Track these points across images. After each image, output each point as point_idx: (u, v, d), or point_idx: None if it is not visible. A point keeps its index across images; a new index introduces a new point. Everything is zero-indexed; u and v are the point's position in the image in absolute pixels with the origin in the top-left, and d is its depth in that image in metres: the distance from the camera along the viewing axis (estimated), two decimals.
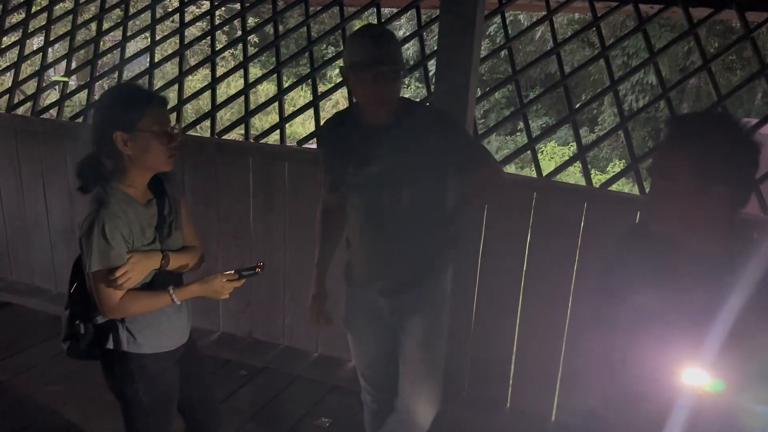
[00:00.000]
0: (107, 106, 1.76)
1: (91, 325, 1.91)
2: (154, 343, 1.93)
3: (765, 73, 3.03)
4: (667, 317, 1.40)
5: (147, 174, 1.85)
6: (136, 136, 1.74)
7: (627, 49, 13.19)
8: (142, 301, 1.85)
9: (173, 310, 1.95)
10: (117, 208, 1.76)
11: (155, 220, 1.88)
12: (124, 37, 4.25)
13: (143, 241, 1.83)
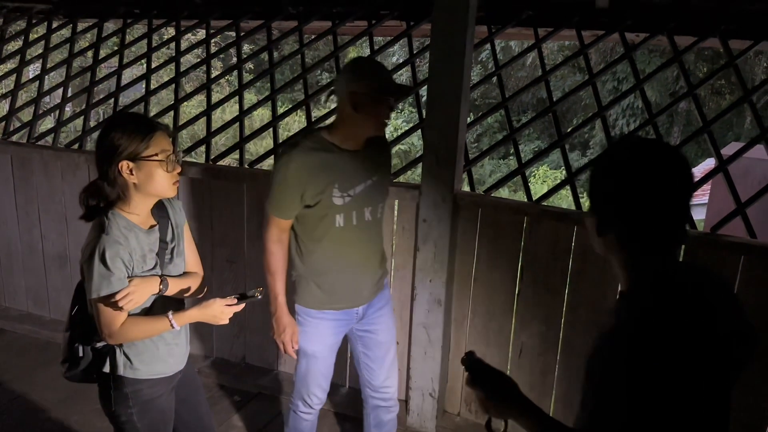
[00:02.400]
0: (111, 134, 1.79)
1: (89, 348, 1.93)
2: (150, 368, 1.95)
3: (749, 99, 3.10)
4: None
5: (151, 200, 1.89)
6: (141, 165, 1.78)
7: (617, 74, 13.41)
8: (142, 326, 1.87)
9: (171, 335, 1.97)
10: (118, 234, 1.79)
11: (157, 246, 1.90)
12: (121, 64, 4.31)
13: (144, 267, 1.85)
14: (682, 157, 1.21)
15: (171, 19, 4.34)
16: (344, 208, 2.23)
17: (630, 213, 1.20)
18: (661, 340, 1.12)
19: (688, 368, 1.14)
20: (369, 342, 2.52)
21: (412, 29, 3.78)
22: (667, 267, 1.23)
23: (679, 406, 1.14)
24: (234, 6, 4.18)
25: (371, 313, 2.47)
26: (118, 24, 4.56)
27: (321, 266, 2.31)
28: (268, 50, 4.04)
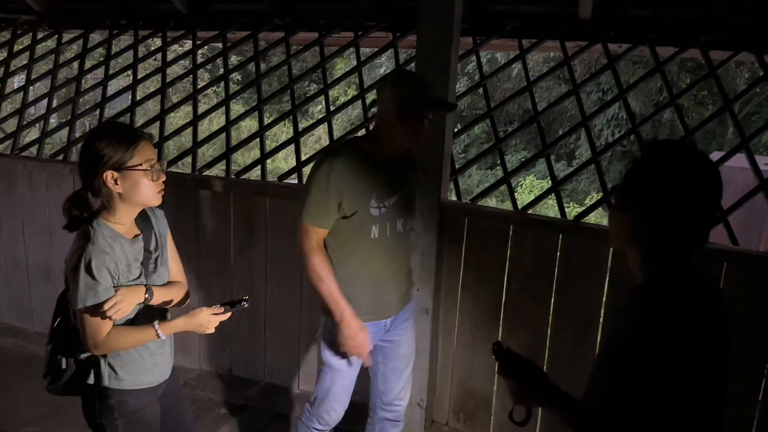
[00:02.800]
0: (95, 144, 1.78)
1: (72, 360, 1.91)
2: (135, 378, 1.93)
3: (730, 108, 3.15)
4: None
5: (135, 210, 1.89)
6: (126, 174, 1.78)
7: (602, 85, 13.54)
8: (128, 336, 1.85)
9: (156, 345, 1.96)
10: (104, 244, 1.78)
11: (141, 255, 1.89)
12: (106, 75, 4.30)
13: (129, 277, 1.84)
14: (715, 166, 1.28)
15: (157, 30, 4.34)
16: (380, 219, 2.22)
17: (669, 213, 1.26)
18: (679, 336, 1.19)
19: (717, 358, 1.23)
20: (390, 353, 2.49)
21: (398, 40, 3.81)
22: (690, 264, 1.31)
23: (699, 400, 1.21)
24: (221, 17, 4.20)
25: (397, 325, 2.45)
26: (104, 35, 4.55)
27: (352, 277, 2.26)
28: (254, 61, 4.05)
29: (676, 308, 1.23)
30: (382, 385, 2.53)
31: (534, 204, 3.11)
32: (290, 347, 3.54)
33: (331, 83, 3.92)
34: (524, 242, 2.94)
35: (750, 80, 12.60)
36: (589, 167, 3.27)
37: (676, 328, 1.19)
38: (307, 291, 3.41)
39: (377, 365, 2.52)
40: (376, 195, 2.20)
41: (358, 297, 2.28)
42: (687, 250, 1.30)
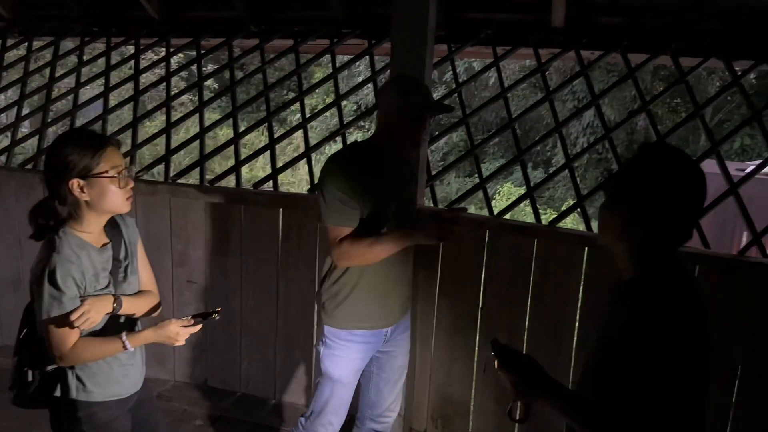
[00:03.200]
0: (61, 152, 1.75)
1: (38, 372, 1.86)
2: (105, 390, 1.89)
3: (700, 114, 3.20)
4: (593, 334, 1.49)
5: (104, 218, 1.85)
6: (92, 182, 1.74)
7: (577, 94, 13.71)
8: (94, 347, 1.81)
9: (126, 356, 1.91)
10: (70, 253, 1.74)
11: (110, 264, 1.86)
12: (78, 83, 4.23)
13: (96, 286, 1.80)
14: (701, 169, 1.35)
15: (130, 37, 4.29)
16: (393, 218, 2.23)
17: (660, 211, 1.31)
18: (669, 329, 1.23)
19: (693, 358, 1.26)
20: (386, 364, 2.47)
21: (373, 47, 3.81)
22: (675, 260, 1.37)
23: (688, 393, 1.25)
24: (195, 24, 4.16)
25: (396, 335, 2.44)
26: (75, 42, 4.49)
27: (361, 281, 2.25)
28: (229, 68, 4.02)
29: (667, 302, 1.28)
30: (374, 396, 2.50)
31: (509, 209, 3.12)
32: (266, 357, 3.50)
33: (307, 90, 3.91)
34: (500, 248, 2.95)
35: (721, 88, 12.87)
36: (564, 174, 3.30)
37: (669, 321, 1.24)
38: (283, 299, 3.38)
39: (371, 375, 2.49)
40: (392, 194, 2.23)
41: (367, 303, 2.27)
42: (674, 246, 1.36)
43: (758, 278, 2.59)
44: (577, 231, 3.03)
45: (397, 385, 2.53)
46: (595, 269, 2.80)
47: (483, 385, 3.08)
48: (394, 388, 2.51)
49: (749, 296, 2.58)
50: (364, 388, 2.52)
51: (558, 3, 3.31)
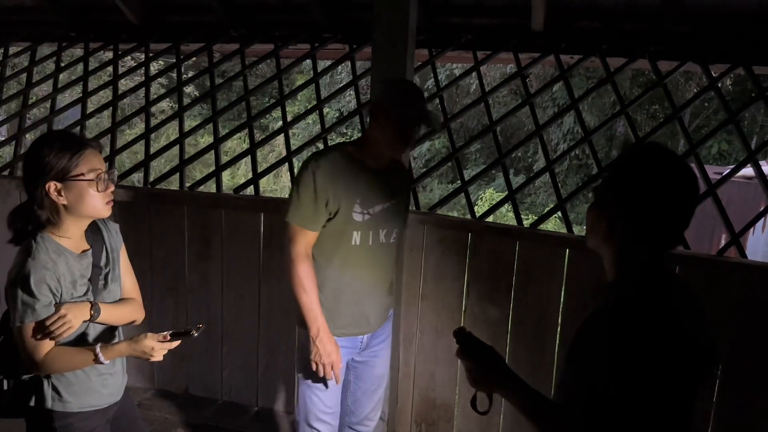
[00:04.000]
0: (37, 155, 1.70)
1: (12, 381, 1.82)
2: (82, 400, 1.84)
3: (678, 116, 3.24)
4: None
5: (83, 222, 1.80)
6: (70, 185, 1.69)
7: (557, 100, 13.85)
8: (67, 357, 1.75)
9: (105, 366, 1.85)
10: (45, 258, 1.70)
11: (89, 271, 1.81)
12: (55, 88, 4.18)
13: (74, 294, 1.76)
14: (692, 170, 1.30)
15: (109, 42, 4.24)
16: (362, 225, 2.16)
17: (647, 213, 1.27)
18: (640, 324, 1.20)
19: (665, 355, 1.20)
20: (363, 374, 2.42)
21: (354, 52, 3.81)
22: (655, 264, 1.32)
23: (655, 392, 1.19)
24: (174, 29, 4.14)
25: (374, 344, 2.38)
26: (53, 47, 4.43)
27: (329, 286, 2.20)
28: (209, 73, 3.99)
29: (640, 300, 1.24)
30: (352, 404, 2.46)
31: (491, 212, 3.13)
32: (249, 364, 3.46)
33: (288, 94, 3.90)
34: (482, 250, 2.95)
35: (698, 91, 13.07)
36: (545, 179, 3.31)
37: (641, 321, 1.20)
38: (265, 305, 3.35)
39: (348, 384, 2.44)
40: (361, 200, 2.15)
41: (337, 309, 2.22)
42: (661, 250, 1.32)
43: (737, 278, 2.62)
44: (558, 233, 3.04)
45: (376, 395, 2.47)
46: (576, 271, 2.81)
47: (467, 388, 3.07)
48: (372, 397, 2.46)
49: (729, 296, 2.60)
50: (342, 397, 2.45)
51: (537, 7, 3.35)
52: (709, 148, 13.27)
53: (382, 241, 2.23)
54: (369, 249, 2.20)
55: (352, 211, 2.13)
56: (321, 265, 2.20)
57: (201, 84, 13.28)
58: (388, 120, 2.10)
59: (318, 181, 2.09)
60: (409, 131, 2.14)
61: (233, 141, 13.42)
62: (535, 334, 2.91)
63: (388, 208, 2.22)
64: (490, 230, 2.96)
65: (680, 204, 1.28)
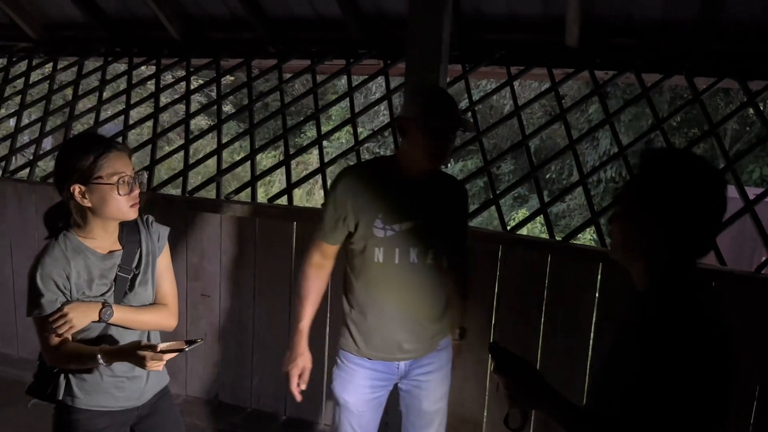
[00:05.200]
0: (63, 157, 1.74)
1: (39, 363, 1.87)
2: (90, 399, 1.83)
3: (714, 132, 3.20)
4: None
5: (110, 224, 1.80)
6: (93, 188, 1.70)
7: (593, 122, 13.72)
8: (73, 354, 1.75)
9: (123, 368, 1.83)
10: (58, 255, 1.73)
11: (113, 272, 1.81)
12: (100, 100, 4.34)
13: (88, 293, 1.76)
14: (721, 174, 1.29)
15: (152, 57, 4.40)
16: (384, 242, 2.02)
17: (681, 221, 1.24)
18: (688, 336, 1.17)
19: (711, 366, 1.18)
20: (410, 405, 2.26)
21: (388, 67, 3.87)
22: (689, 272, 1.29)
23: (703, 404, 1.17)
24: (214, 44, 4.27)
25: (417, 374, 2.19)
26: (98, 61, 4.61)
27: (359, 305, 2.12)
28: (247, 86, 4.10)
29: (683, 312, 1.21)
30: None
31: (523, 224, 3.12)
32: (278, 372, 3.44)
33: (322, 108, 3.97)
34: (513, 263, 2.94)
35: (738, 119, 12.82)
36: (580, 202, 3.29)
37: (682, 332, 1.17)
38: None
39: (402, 416, 2.32)
40: (383, 215, 2.01)
41: (368, 329, 2.12)
42: (693, 257, 1.30)
43: None
44: (591, 247, 3.02)
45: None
46: (609, 285, 2.78)
47: (495, 403, 3.04)
48: None
49: (766, 313, 2.54)
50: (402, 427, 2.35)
51: (572, 23, 3.36)
52: (751, 173, 12.95)
53: (413, 261, 2.06)
54: (396, 268, 2.06)
55: (372, 227, 2.02)
56: (351, 282, 2.14)
57: (238, 103, 13.57)
58: (415, 129, 1.97)
59: (338, 194, 2.04)
60: (439, 140, 1.97)
61: (267, 158, 13.64)
62: (566, 349, 2.87)
63: (421, 225, 2.05)
64: (521, 243, 2.95)
65: (713, 209, 1.25)
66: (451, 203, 2.17)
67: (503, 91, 11.31)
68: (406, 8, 3.03)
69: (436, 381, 2.23)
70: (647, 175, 1.30)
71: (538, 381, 1.33)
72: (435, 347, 2.20)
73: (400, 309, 2.09)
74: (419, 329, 2.13)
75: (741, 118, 13.00)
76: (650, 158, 1.33)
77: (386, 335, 2.11)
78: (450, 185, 2.21)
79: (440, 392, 2.27)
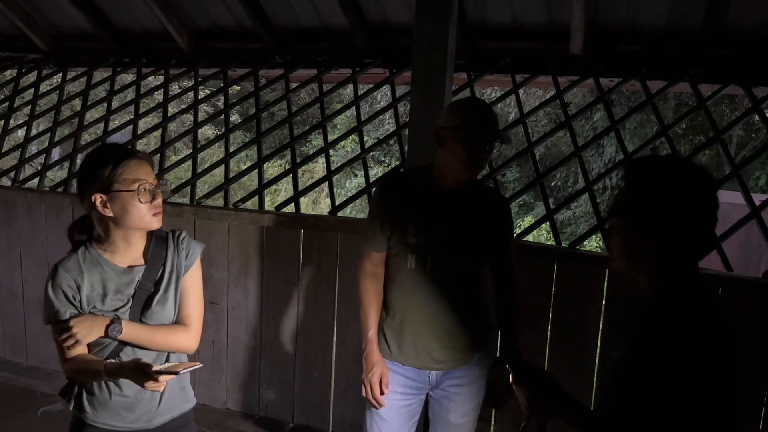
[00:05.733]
0: (85, 166, 1.72)
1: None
2: (97, 415, 1.80)
3: (720, 138, 3.20)
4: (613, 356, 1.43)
5: (132, 235, 1.75)
6: (114, 197, 1.67)
7: (598, 130, 13.74)
8: (81, 365, 1.72)
9: (132, 387, 1.75)
10: (73, 265, 1.72)
11: (132, 287, 1.75)
12: (109, 110, 4.38)
13: (101, 306, 1.72)
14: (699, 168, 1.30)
15: (160, 67, 4.44)
16: (417, 249, 2.05)
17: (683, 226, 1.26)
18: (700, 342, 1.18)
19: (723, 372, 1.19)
20: (438, 414, 2.25)
21: (394, 76, 3.90)
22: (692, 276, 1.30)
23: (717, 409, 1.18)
24: (222, 55, 4.31)
25: (447, 386, 2.18)
26: (107, 72, 4.66)
27: (393, 310, 2.14)
28: (255, 96, 4.13)
29: (693, 319, 1.22)
30: None
31: (529, 231, 3.14)
32: (285, 380, 3.49)
33: (329, 116, 4.00)
34: (519, 269, 2.94)
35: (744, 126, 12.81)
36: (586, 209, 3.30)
37: (694, 340, 1.18)
38: (303, 320, 3.40)
39: (429, 425, 2.32)
40: (418, 223, 2.04)
41: (401, 334, 2.13)
42: (694, 259, 1.30)
43: None
44: (598, 253, 3.02)
45: None
46: (616, 291, 2.78)
47: (503, 414, 3.04)
48: None
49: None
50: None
51: (576, 31, 3.38)
52: (757, 180, 12.92)
53: (446, 270, 2.07)
54: (428, 275, 2.07)
55: (406, 233, 2.05)
56: (387, 287, 2.17)
57: (244, 113, 13.64)
58: (453, 140, 1.98)
59: (377, 203, 2.13)
60: (476, 151, 1.97)
61: (273, 167, 13.69)
62: (574, 355, 2.87)
63: (456, 233, 2.06)
64: (527, 249, 2.96)
65: (707, 205, 1.27)
66: (488, 214, 2.15)
67: (508, 99, 11.41)
68: (411, 18, 3.06)
69: (467, 395, 2.21)
70: (639, 185, 1.31)
71: (559, 392, 1.32)
72: (469, 360, 2.18)
73: (431, 316, 2.10)
74: (450, 339, 2.12)
75: (746, 125, 13.00)
76: (636, 168, 1.34)
77: (417, 341, 2.11)
78: (489, 196, 2.21)
79: (470, 406, 2.24)
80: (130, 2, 4.23)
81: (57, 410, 1.87)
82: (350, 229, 3.25)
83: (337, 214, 3.41)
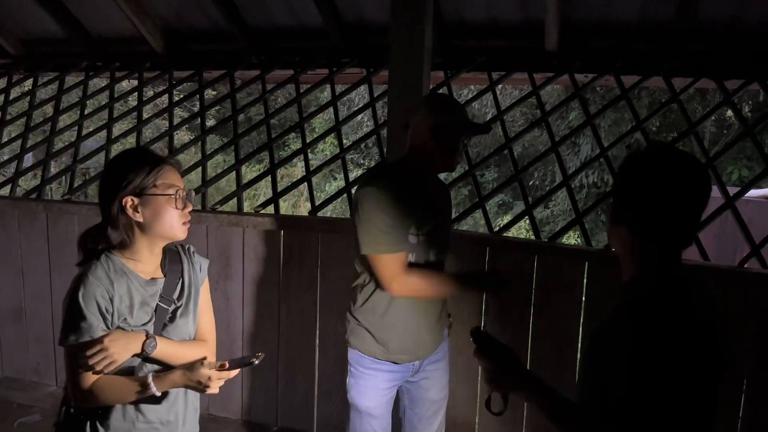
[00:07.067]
0: (115, 169, 1.62)
1: (64, 411, 1.68)
2: None
3: (694, 131, 3.25)
4: None
5: (157, 244, 1.68)
6: (147, 201, 1.59)
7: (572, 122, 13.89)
8: (116, 388, 1.58)
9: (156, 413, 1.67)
10: (101, 275, 1.59)
11: (155, 300, 1.67)
12: (82, 115, 4.32)
13: (130, 320, 1.61)
14: (706, 171, 1.29)
15: (134, 70, 4.38)
16: (415, 247, 2.06)
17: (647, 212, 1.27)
18: (658, 323, 1.19)
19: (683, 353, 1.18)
20: (417, 397, 2.29)
21: (371, 75, 3.90)
22: (670, 264, 1.30)
23: (675, 390, 1.17)
24: (197, 57, 4.27)
25: (426, 365, 2.25)
26: (80, 77, 4.59)
27: (381, 308, 2.11)
28: (231, 98, 4.10)
29: (657, 300, 1.23)
30: None
31: (510, 226, 3.15)
32: (268, 383, 3.46)
33: (307, 116, 3.98)
34: (501, 264, 2.96)
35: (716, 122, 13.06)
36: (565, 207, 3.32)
37: (656, 320, 1.19)
38: (285, 322, 3.37)
39: (404, 410, 2.34)
40: (415, 221, 2.03)
41: (389, 333, 2.12)
42: (674, 250, 1.30)
43: (760, 290, 2.59)
44: (577, 246, 3.05)
45: (434, 422, 2.32)
46: (596, 284, 2.80)
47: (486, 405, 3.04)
48: (431, 425, 2.32)
49: (751, 308, 2.57)
50: (402, 424, 2.35)
51: (551, 27, 3.41)
52: (729, 174, 13.17)
53: (431, 260, 2.13)
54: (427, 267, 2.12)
55: (408, 234, 2.03)
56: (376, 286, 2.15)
57: (219, 117, 13.54)
58: (452, 134, 2.03)
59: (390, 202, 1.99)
60: (454, 141, 2.06)
61: (252, 170, 13.61)
62: (556, 348, 2.88)
63: (436, 226, 2.12)
64: (509, 245, 2.97)
65: (687, 199, 1.26)
66: (446, 201, 2.28)
67: (485, 99, 11.48)
68: (387, 16, 3.06)
69: (443, 369, 2.32)
70: (624, 170, 1.33)
71: (518, 365, 1.37)
72: (442, 338, 2.30)
73: (425, 308, 2.17)
74: (437, 324, 2.23)
75: (718, 121, 13.25)
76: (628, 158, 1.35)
77: (412, 337, 2.15)
78: (443, 185, 2.30)
79: (445, 380, 2.35)
80: (102, 5, 4.17)
81: (34, 421, 1.80)
82: (331, 228, 3.24)
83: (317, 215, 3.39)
